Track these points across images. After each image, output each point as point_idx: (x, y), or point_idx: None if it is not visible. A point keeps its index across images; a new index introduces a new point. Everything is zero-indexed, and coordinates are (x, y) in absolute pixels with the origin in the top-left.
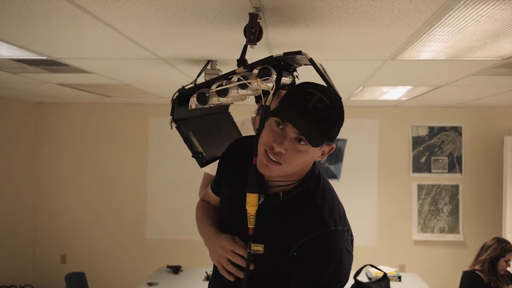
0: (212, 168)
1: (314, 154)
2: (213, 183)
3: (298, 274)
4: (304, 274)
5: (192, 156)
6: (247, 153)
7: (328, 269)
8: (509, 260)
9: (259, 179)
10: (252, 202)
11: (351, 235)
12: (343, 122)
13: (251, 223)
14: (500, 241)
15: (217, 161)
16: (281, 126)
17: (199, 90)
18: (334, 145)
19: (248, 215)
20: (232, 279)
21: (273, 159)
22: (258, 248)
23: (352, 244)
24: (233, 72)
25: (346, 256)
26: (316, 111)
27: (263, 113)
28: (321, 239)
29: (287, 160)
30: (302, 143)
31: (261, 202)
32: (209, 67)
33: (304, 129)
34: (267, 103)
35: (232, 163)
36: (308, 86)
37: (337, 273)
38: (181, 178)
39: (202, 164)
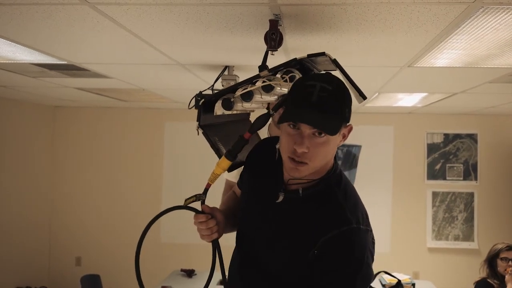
0: (234, 176)
1: (336, 140)
2: (239, 179)
3: (318, 273)
4: (325, 273)
5: None
6: (270, 156)
7: (349, 269)
8: (505, 257)
9: (279, 177)
10: (221, 164)
11: (373, 238)
12: (351, 99)
13: (211, 179)
14: (496, 243)
15: (240, 167)
16: (296, 127)
17: (224, 95)
18: (351, 125)
19: (212, 172)
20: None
21: (299, 160)
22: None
23: (373, 248)
24: (257, 76)
25: (368, 257)
26: (322, 101)
27: (280, 102)
28: (343, 237)
29: (312, 157)
30: (322, 135)
31: (280, 200)
32: (226, 72)
33: (318, 122)
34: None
35: (256, 164)
36: (304, 80)
37: (358, 273)
38: (196, 182)
39: (229, 169)
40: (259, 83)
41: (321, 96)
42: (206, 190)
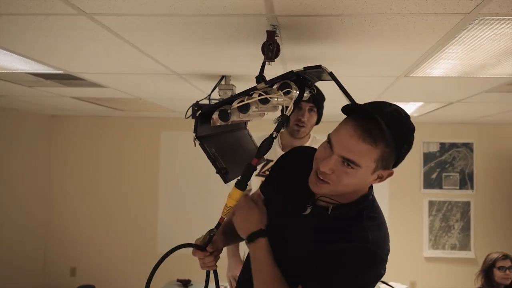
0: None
1: (366, 177)
2: (263, 183)
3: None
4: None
5: (216, 172)
6: (303, 166)
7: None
8: (502, 266)
9: (307, 188)
10: (233, 196)
11: (384, 270)
12: (397, 145)
13: (224, 213)
14: (490, 253)
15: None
16: (330, 145)
17: (221, 107)
18: (392, 171)
19: (225, 205)
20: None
21: (320, 177)
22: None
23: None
24: (254, 88)
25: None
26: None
27: (281, 123)
28: (354, 250)
29: (333, 181)
30: (350, 166)
31: (307, 213)
32: (223, 82)
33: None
34: (287, 113)
35: (286, 171)
36: (373, 111)
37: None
38: (192, 191)
39: (227, 180)
40: (255, 96)
41: (371, 133)
42: (219, 224)
